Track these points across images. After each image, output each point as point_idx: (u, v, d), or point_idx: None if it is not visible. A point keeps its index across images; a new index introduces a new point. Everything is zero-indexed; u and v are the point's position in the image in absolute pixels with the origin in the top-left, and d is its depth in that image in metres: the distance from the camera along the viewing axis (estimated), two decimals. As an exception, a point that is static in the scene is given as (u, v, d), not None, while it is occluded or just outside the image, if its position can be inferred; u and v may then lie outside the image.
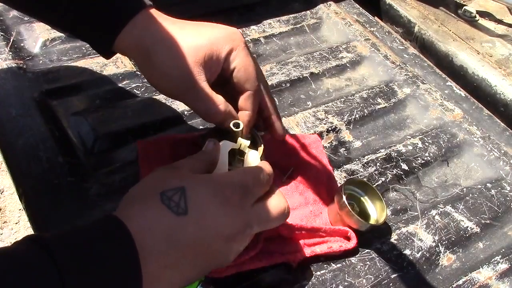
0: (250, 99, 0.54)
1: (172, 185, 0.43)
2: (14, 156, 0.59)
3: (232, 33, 0.54)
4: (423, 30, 0.92)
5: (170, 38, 0.52)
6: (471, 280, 0.58)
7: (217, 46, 0.52)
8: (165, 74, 0.52)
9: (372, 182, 0.66)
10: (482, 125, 0.77)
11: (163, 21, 0.53)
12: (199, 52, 0.51)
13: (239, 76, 0.53)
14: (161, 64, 0.51)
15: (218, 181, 0.45)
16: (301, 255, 0.55)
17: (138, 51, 0.53)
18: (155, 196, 0.42)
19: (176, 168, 0.47)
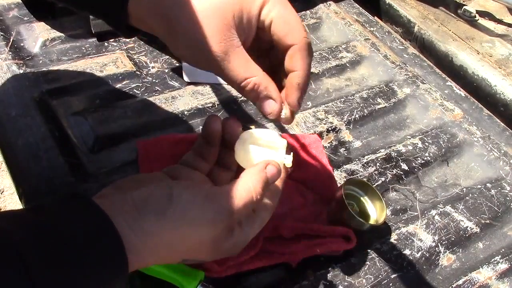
0: (297, 55, 0.45)
1: (200, 257, 0.44)
2: (14, 156, 0.59)
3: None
4: (423, 30, 0.92)
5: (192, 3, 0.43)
6: (471, 280, 0.58)
7: (246, 2, 0.44)
8: (192, 45, 0.44)
9: (372, 182, 0.66)
10: (482, 125, 0.77)
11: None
12: (227, 13, 0.43)
13: (278, 30, 0.45)
14: (185, 33, 0.44)
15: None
16: (301, 255, 0.55)
17: (156, 17, 0.44)
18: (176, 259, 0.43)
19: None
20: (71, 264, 0.34)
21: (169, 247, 0.40)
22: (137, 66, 0.75)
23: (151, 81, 0.73)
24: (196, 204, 0.40)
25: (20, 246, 0.32)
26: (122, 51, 0.77)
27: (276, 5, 0.45)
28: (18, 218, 0.36)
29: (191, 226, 0.40)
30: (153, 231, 0.39)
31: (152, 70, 0.75)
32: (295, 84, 0.45)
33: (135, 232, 0.38)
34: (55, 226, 0.35)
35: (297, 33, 0.45)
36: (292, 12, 0.45)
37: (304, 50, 0.45)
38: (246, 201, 0.42)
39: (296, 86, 0.46)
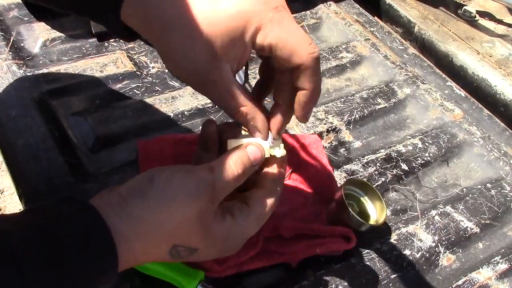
0: (304, 75, 0.42)
1: (189, 242, 0.41)
2: (14, 156, 0.59)
3: (254, 3, 0.41)
4: (423, 30, 0.92)
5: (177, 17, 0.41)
6: (470, 280, 0.58)
7: (237, 27, 0.41)
8: (177, 65, 0.43)
9: (372, 182, 0.66)
10: (482, 125, 0.77)
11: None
12: (214, 38, 0.41)
13: (279, 54, 0.42)
14: (171, 53, 0.42)
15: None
16: (301, 255, 0.55)
17: (145, 31, 0.43)
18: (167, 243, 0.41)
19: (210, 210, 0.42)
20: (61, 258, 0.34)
21: (156, 229, 0.40)
22: (137, 66, 0.75)
23: (151, 81, 0.73)
24: (175, 179, 0.40)
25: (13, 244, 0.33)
26: (122, 51, 0.77)
27: (272, 28, 0.41)
28: (13, 219, 0.36)
29: (174, 201, 0.40)
30: (138, 213, 0.39)
31: (152, 70, 0.75)
32: (302, 103, 0.44)
33: (122, 218, 0.38)
34: (45, 223, 0.36)
35: (300, 52, 0.42)
36: (291, 29, 0.42)
37: (311, 68, 0.42)
38: (226, 175, 0.42)
39: (303, 104, 0.44)
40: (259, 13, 0.41)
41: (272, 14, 0.41)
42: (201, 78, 0.42)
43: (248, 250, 0.52)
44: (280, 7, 0.41)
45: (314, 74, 0.43)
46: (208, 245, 0.43)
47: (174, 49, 0.42)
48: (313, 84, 0.43)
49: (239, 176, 0.42)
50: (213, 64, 0.41)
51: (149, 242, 0.40)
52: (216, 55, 0.41)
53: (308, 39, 0.42)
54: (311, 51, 0.42)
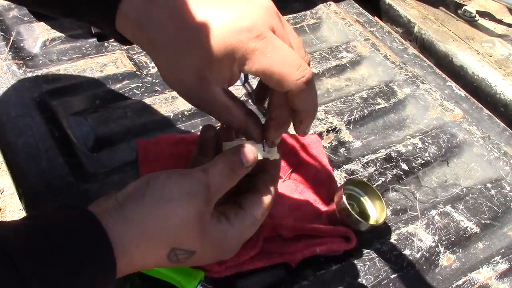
0: (296, 99, 0.42)
1: (187, 245, 0.41)
2: (14, 156, 0.59)
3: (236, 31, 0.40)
4: (423, 30, 0.92)
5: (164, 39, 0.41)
6: (470, 280, 0.58)
7: (224, 54, 0.40)
8: (170, 84, 0.44)
9: (372, 182, 0.66)
10: (482, 125, 0.77)
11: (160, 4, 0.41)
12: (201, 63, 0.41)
13: (268, 83, 0.42)
14: (161, 72, 0.43)
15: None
16: (300, 255, 0.55)
17: (139, 40, 0.43)
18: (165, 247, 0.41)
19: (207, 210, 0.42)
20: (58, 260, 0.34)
21: (154, 232, 0.39)
22: (137, 66, 0.75)
23: (151, 81, 0.73)
24: (172, 180, 0.41)
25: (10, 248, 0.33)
26: (122, 51, 0.77)
27: (257, 59, 0.40)
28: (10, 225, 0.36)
29: (171, 202, 0.40)
30: (135, 217, 0.39)
31: (152, 70, 0.75)
32: (298, 122, 0.45)
33: (119, 223, 0.38)
34: (42, 228, 0.36)
35: (288, 79, 0.40)
36: (275, 57, 0.40)
37: (301, 93, 0.42)
38: (220, 176, 0.42)
39: (299, 123, 0.45)
40: (242, 43, 0.40)
41: (255, 44, 0.40)
42: (192, 96, 0.43)
43: (248, 250, 0.52)
44: (262, 34, 0.40)
45: (307, 96, 0.42)
46: (206, 248, 0.43)
47: (164, 69, 0.43)
48: (306, 107, 0.43)
49: (232, 176, 0.43)
50: (202, 87, 0.42)
51: (147, 246, 0.40)
52: (204, 78, 0.41)
53: (296, 63, 0.41)
54: (300, 76, 0.41)
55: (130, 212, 0.39)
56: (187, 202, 0.40)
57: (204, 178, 0.41)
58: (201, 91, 0.42)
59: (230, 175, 0.43)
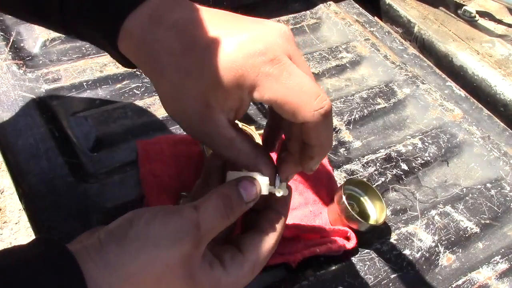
0: (311, 132, 0.38)
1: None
2: (14, 156, 0.59)
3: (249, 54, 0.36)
4: (423, 30, 0.92)
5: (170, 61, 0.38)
6: (470, 280, 0.58)
7: (232, 79, 0.37)
8: (170, 113, 0.40)
9: (372, 182, 0.66)
10: (482, 125, 0.77)
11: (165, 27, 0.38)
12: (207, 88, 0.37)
13: (281, 112, 0.38)
14: (163, 98, 0.39)
15: None
16: (300, 255, 0.55)
17: (143, 62, 0.40)
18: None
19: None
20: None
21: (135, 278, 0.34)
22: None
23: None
24: (157, 220, 0.35)
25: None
26: (122, 51, 0.77)
27: (267, 85, 0.36)
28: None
29: (155, 246, 0.35)
30: (116, 260, 0.34)
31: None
32: (308, 158, 0.41)
33: (98, 266, 0.34)
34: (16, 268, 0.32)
35: (304, 109, 0.37)
36: (291, 84, 0.37)
37: (318, 125, 0.37)
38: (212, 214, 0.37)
39: (309, 159, 0.41)
40: (254, 67, 0.36)
41: (268, 68, 0.36)
42: (194, 128, 0.39)
43: (248, 250, 0.52)
44: (277, 59, 0.37)
45: (323, 130, 0.38)
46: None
47: (166, 95, 0.39)
48: (320, 141, 0.39)
49: (228, 214, 0.38)
50: (206, 116, 0.38)
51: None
52: (209, 106, 0.37)
53: (314, 93, 0.37)
54: (318, 107, 0.37)
55: (110, 255, 0.34)
56: (172, 245, 0.35)
57: (194, 216, 0.36)
58: (203, 121, 0.38)
59: (225, 213, 0.38)
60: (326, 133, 0.39)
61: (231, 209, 0.38)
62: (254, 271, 0.40)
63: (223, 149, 0.39)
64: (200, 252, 0.36)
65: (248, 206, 0.39)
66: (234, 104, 0.38)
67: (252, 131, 0.64)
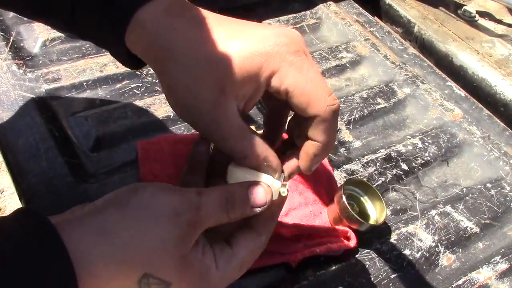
0: (320, 127, 0.39)
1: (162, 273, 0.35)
2: (14, 156, 0.59)
3: (273, 46, 0.38)
4: (423, 30, 0.92)
5: (187, 48, 0.38)
6: (470, 280, 0.58)
7: (252, 65, 0.37)
8: (180, 102, 0.39)
9: (372, 182, 0.66)
10: (482, 125, 0.77)
11: (183, 19, 0.39)
12: (225, 74, 0.37)
13: (296, 102, 0.38)
14: (173, 87, 0.39)
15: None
16: (300, 255, 0.55)
17: (149, 59, 0.40)
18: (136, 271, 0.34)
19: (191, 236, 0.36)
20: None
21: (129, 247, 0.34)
22: (137, 66, 0.75)
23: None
24: (161, 193, 0.36)
25: None
26: (122, 51, 0.77)
27: (289, 73, 0.38)
28: None
29: (155, 218, 0.35)
30: (112, 227, 0.33)
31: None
32: (311, 155, 0.40)
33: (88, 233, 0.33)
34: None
35: (318, 103, 0.38)
36: (310, 76, 0.38)
37: (327, 121, 0.39)
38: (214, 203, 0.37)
39: (311, 156, 0.41)
40: (279, 54, 0.38)
41: (292, 58, 0.38)
42: (204, 117, 0.38)
43: (248, 250, 0.52)
44: (300, 52, 0.38)
45: (330, 127, 0.39)
46: (182, 280, 0.36)
47: (178, 83, 0.38)
48: (327, 138, 0.40)
49: (227, 211, 0.38)
50: (219, 102, 0.37)
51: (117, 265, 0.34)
52: (223, 92, 0.37)
53: (328, 89, 0.39)
54: (330, 103, 0.38)
55: (107, 221, 0.34)
56: (170, 220, 0.35)
57: (196, 199, 0.36)
58: (215, 108, 0.37)
59: (225, 207, 0.38)
60: (333, 131, 0.40)
61: (232, 206, 0.38)
62: (241, 269, 0.40)
63: (232, 140, 0.38)
64: (195, 235, 0.36)
65: (253, 211, 0.39)
66: (248, 91, 0.38)
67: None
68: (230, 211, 0.38)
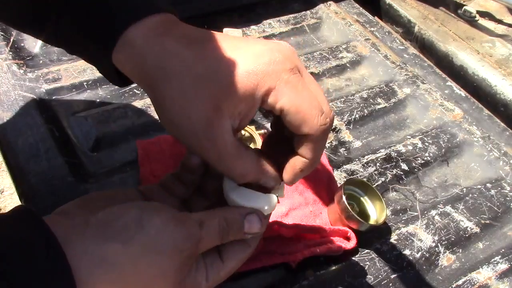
0: (310, 145, 0.40)
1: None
2: (14, 156, 0.59)
3: (270, 61, 0.38)
4: (423, 30, 0.92)
5: (180, 68, 0.37)
6: (470, 280, 0.58)
7: (247, 84, 0.37)
8: (172, 121, 0.39)
9: (372, 182, 0.66)
10: (482, 125, 0.77)
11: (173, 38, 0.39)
12: (220, 93, 0.37)
13: (290, 120, 0.39)
14: (166, 106, 0.38)
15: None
16: (301, 255, 0.55)
17: (139, 79, 0.40)
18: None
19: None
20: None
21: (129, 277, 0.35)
22: (137, 66, 0.75)
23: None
24: (168, 229, 0.36)
25: None
26: (122, 51, 0.77)
27: (285, 92, 0.38)
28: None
29: (159, 254, 0.36)
30: (117, 261, 0.34)
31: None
32: (298, 170, 0.41)
33: (94, 262, 0.34)
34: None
35: (312, 122, 0.39)
36: (305, 95, 0.39)
37: (318, 140, 0.40)
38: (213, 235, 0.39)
39: (298, 171, 0.41)
40: (274, 73, 0.38)
41: (287, 76, 0.38)
42: (198, 136, 0.38)
43: (248, 250, 0.52)
44: (295, 69, 0.39)
45: (319, 145, 0.41)
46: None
47: (171, 100, 0.38)
48: (315, 156, 0.41)
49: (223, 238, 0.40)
50: (213, 121, 0.37)
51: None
52: (219, 110, 0.37)
53: (321, 108, 0.39)
54: (323, 123, 0.39)
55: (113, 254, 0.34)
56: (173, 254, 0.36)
57: (198, 233, 0.37)
58: (209, 126, 0.37)
59: (222, 236, 0.39)
60: (321, 149, 0.41)
61: (227, 233, 0.39)
62: (227, 275, 0.42)
63: (228, 159, 0.39)
64: (193, 261, 0.39)
65: (245, 236, 0.40)
66: (244, 109, 0.38)
67: (252, 131, 0.64)
68: (224, 238, 0.39)
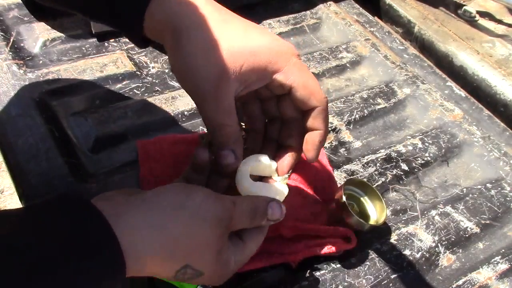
0: (321, 116, 0.47)
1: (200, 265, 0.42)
2: (14, 156, 0.59)
3: (281, 47, 0.46)
4: (423, 30, 0.92)
5: (209, 28, 0.44)
6: (471, 281, 0.58)
7: (261, 60, 0.44)
8: (189, 68, 0.44)
9: (372, 182, 0.66)
10: (482, 125, 0.77)
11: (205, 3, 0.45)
12: (238, 58, 0.43)
13: (300, 94, 0.46)
14: (188, 54, 0.43)
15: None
16: (301, 255, 0.55)
17: (168, 30, 0.44)
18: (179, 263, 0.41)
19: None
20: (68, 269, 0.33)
21: (177, 243, 0.39)
22: (137, 66, 0.75)
23: (151, 81, 0.73)
24: (210, 201, 0.42)
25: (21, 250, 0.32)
26: (122, 51, 0.77)
27: (294, 72, 0.46)
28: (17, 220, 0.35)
29: (204, 222, 0.40)
30: (166, 227, 0.39)
31: (152, 70, 0.75)
32: (317, 142, 0.48)
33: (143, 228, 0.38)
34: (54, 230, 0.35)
35: (318, 95, 0.46)
36: (309, 75, 0.47)
37: (325, 111, 0.47)
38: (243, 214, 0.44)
39: (318, 144, 0.48)
40: (286, 55, 0.45)
41: (295, 60, 0.46)
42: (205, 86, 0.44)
43: (248, 250, 0.52)
44: (299, 56, 0.47)
45: (327, 116, 0.48)
46: (214, 271, 0.43)
47: (191, 51, 0.43)
48: (326, 125, 0.48)
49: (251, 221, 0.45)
50: (226, 78, 0.43)
51: (164, 257, 0.39)
52: (232, 71, 0.43)
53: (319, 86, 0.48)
54: (325, 96, 0.47)
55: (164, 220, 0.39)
56: (215, 224, 0.41)
57: (232, 208, 0.43)
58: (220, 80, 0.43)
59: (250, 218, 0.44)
60: (327, 119, 0.48)
61: (254, 218, 0.45)
62: (249, 257, 0.47)
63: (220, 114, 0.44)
64: (227, 234, 0.44)
65: (268, 222, 0.45)
66: (252, 79, 0.45)
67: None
68: (253, 221, 0.45)
